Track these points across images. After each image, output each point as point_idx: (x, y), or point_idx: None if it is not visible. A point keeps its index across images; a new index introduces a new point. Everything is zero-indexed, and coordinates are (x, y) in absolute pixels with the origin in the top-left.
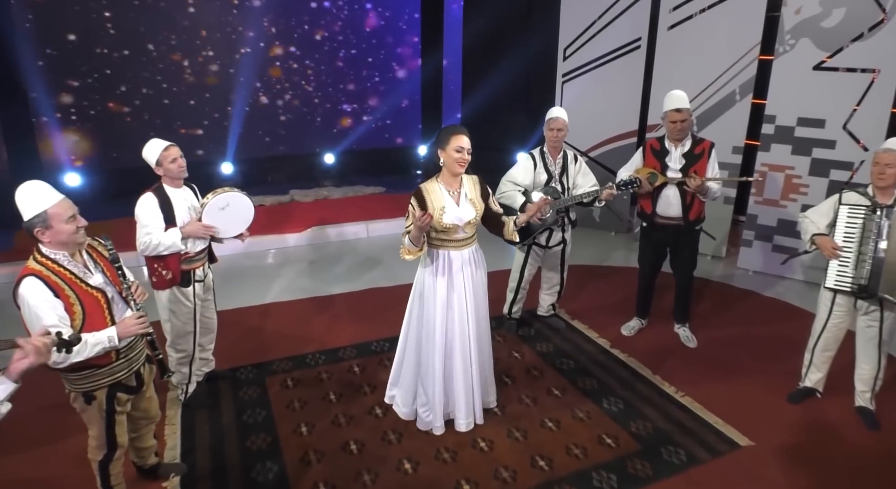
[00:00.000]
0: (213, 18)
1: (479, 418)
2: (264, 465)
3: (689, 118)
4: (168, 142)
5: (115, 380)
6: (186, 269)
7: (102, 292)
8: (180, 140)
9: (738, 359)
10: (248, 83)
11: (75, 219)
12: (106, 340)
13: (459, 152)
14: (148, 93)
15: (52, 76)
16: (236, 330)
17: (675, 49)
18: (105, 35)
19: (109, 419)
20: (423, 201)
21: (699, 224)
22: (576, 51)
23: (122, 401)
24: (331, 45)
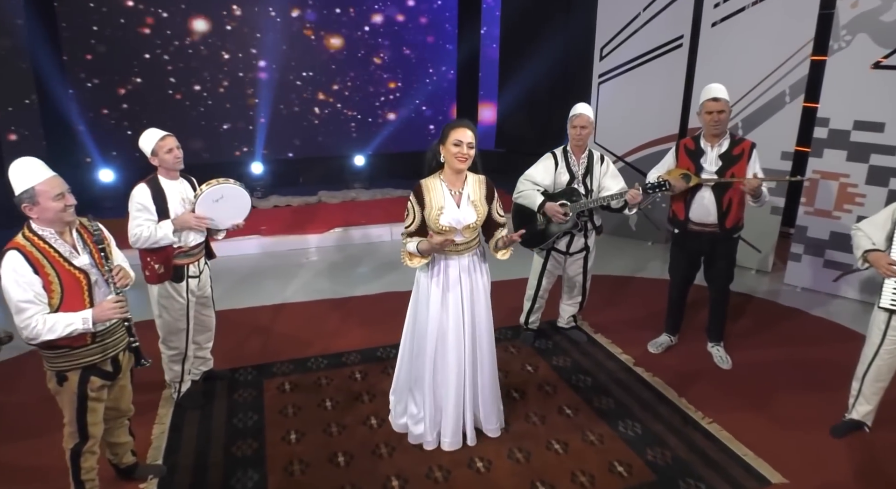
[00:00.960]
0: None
1: (471, 440)
2: (245, 473)
3: (727, 110)
4: (165, 131)
5: (89, 362)
6: (180, 264)
7: (85, 274)
8: (219, 139)
9: (776, 385)
10: (284, 84)
11: (63, 197)
12: (80, 322)
13: (458, 146)
14: (187, 91)
15: (91, 74)
16: (242, 329)
17: (719, 47)
18: (143, 33)
19: (81, 404)
20: (422, 198)
21: (737, 232)
22: (613, 50)
23: (96, 387)
24: (366, 47)
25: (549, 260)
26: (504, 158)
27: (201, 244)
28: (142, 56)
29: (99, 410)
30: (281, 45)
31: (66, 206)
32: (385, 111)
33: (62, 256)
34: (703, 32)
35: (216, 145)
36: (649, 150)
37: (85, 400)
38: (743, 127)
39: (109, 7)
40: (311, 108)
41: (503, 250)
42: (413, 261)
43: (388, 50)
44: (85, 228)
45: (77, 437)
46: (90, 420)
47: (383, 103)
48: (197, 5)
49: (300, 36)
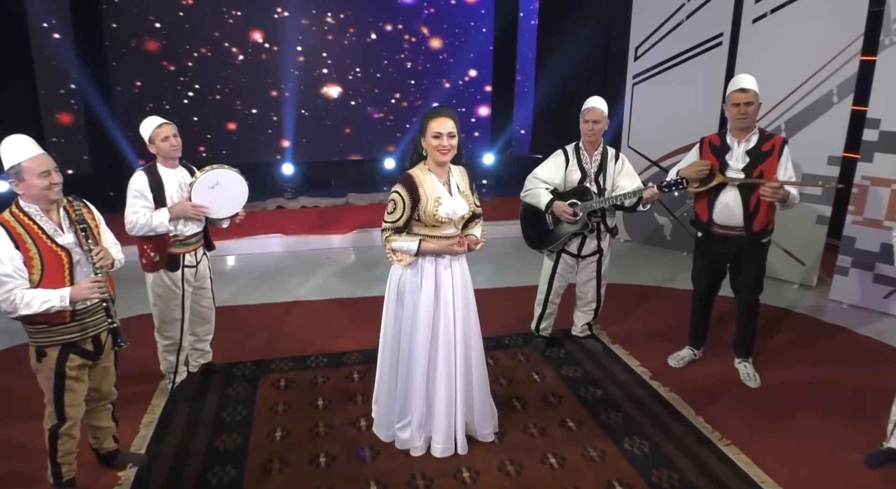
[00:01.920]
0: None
1: (462, 448)
2: (223, 468)
3: (756, 103)
4: (164, 119)
5: (68, 339)
6: (176, 253)
7: (68, 252)
8: (251, 142)
9: (809, 408)
10: (315, 88)
11: (49, 174)
12: (57, 299)
13: (437, 138)
14: (222, 90)
15: (130, 75)
16: (250, 325)
17: (761, 45)
18: (186, 34)
19: (59, 382)
20: (415, 191)
21: (766, 236)
22: (648, 50)
23: (75, 365)
24: (402, 54)
25: (560, 263)
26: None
27: (198, 234)
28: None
29: (77, 391)
30: (319, 52)
31: (51, 184)
32: (418, 118)
33: (46, 234)
34: (743, 29)
35: (249, 147)
36: (686, 155)
37: (63, 378)
38: (786, 129)
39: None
40: (342, 112)
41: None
42: (404, 260)
43: (421, 56)
44: (72, 207)
45: (55, 418)
46: (67, 400)
47: (416, 108)
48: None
49: (334, 41)
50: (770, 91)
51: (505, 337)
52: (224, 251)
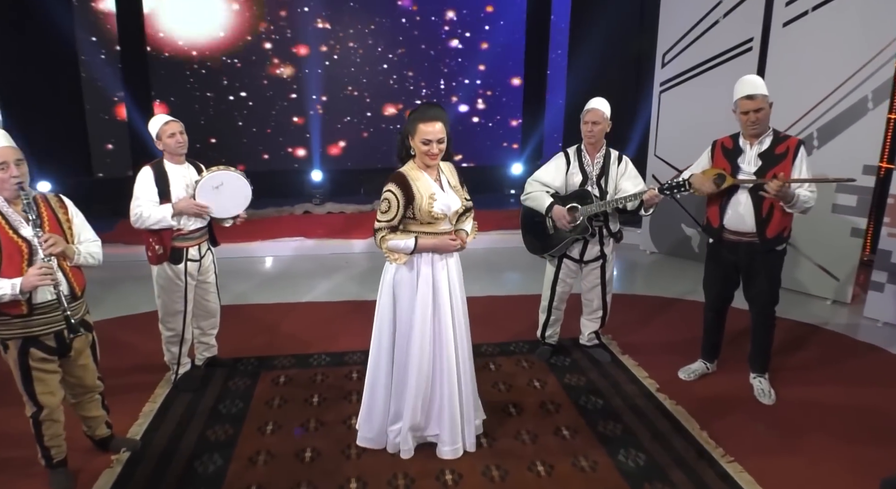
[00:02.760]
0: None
1: (471, 445)
2: (211, 457)
3: (766, 107)
4: (170, 117)
5: (27, 333)
6: (178, 247)
7: (28, 243)
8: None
9: (826, 428)
10: (349, 99)
11: (8, 167)
12: (9, 287)
13: (427, 145)
14: (261, 96)
15: (170, 84)
16: (259, 323)
17: (792, 49)
18: (221, 39)
19: (25, 374)
20: (409, 190)
21: (781, 244)
22: (676, 56)
23: (37, 358)
24: (432, 63)
25: (562, 268)
26: None
27: (202, 229)
28: (219, 84)
29: (48, 381)
30: (351, 63)
31: (8, 178)
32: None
33: (9, 224)
34: (773, 33)
35: (281, 153)
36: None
37: (28, 369)
38: (819, 137)
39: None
40: (375, 121)
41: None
42: (401, 258)
43: (456, 68)
44: (42, 199)
45: (32, 406)
46: (38, 389)
47: (457, 120)
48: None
49: (366, 53)
50: (801, 97)
51: (511, 343)
52: (247, 252)
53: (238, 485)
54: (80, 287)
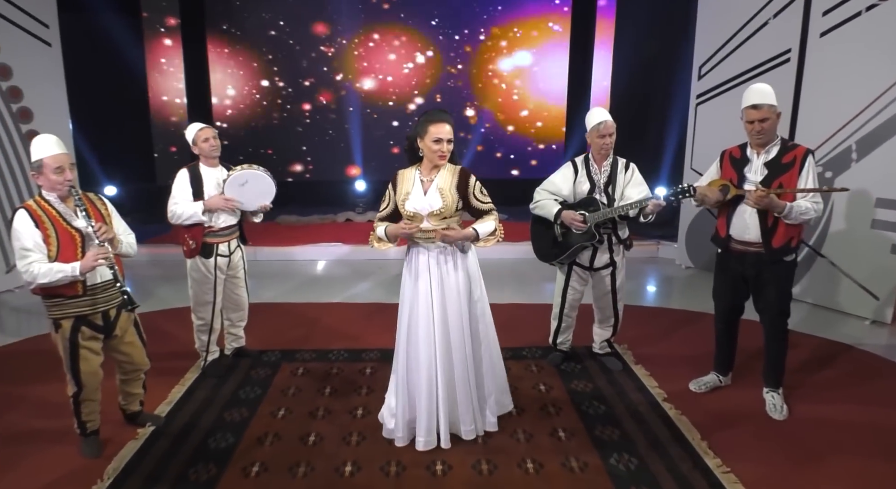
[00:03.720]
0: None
1: (444, 442)
2: (224, 435)
3: (772, 117)
4: (204, 124)
5: (79, 313)
6: (210, 242)
7: (80, 233)
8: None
9: (838, 447)
10: (394, 112)
11: (63, 171)
12: (69, 269)
13: (438, 144)
14: (311, 112)
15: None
16: (290, 320)
17: (830, 60)
18: (293, 48)
19: (73, 352)
20: (396, 186)
21: (789, 254)
22: (713, 68)
23: (87, 337)
24: (481, 82)
25: (572, 275)
26: None
27: (232, 227)
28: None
29: (91, 361)
30: (395, 79)
31: (64, 180)
32: (494, 139)
33: (63, 217)
34: (810, 43)
35: (328, 164)
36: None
37: (76, 348)
38: (857, 149)
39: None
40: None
41: (481, 240)
42: (379, 245)
43: (500, 84)
44: (89, 199)
45: (74, 386)
46: (83, 368)
47: (489, 130)
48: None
49: (408, 70)
50: (840, 109)
51: (524, 349)
52: (287, 256)
53: (244, 462)
54: (121, 272)
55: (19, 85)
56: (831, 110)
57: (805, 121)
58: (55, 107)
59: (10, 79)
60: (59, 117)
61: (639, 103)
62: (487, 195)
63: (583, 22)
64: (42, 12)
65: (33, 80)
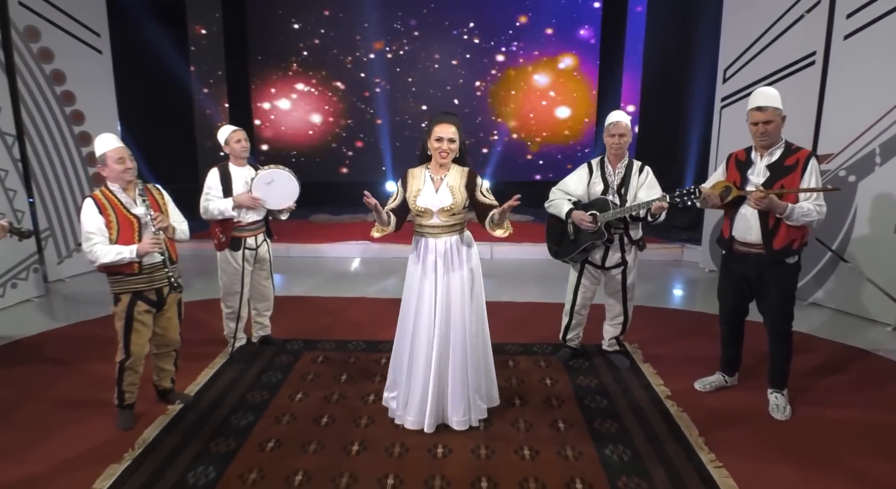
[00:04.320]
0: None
1: (430, 427)
2: (244, 414)
3: (776, 120)
4: (235, 127)
5: (136, 289)
6: (238, 236)
7: (138, 219)
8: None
9: (839, 448)
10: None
11: (124, 162)
12: (127, 252)
13: (439, 142)
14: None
15: (271, 98)
16: (316, 313)
17: (853, 62)
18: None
19: (128, 323)
20: (406, 183)
21: (791, 256)
22: (738, 71)
23: (141, 310)
24: (511, 81)
25: (584, 273)
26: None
27: (258, 222)
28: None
29: (142, 333)
30: (423, 84)
31: (125, 169)
32: (528, 144)
33: (123, 205)
34: (834, 46)
35: (363, 166)
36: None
37: (131, 320)
38: (881, 153)
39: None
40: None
41: (500, 227)
42: (373, 231)
43: (533, 92)
44: (150, 190)
45: (123, 353)
46: (133, 339)
47: (526, 137)
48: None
49: (438, 76)
50: (863, 112)
51: (535, 345)
52: (319, 253)
53: (260, 438)
54: (175, 255)
55: (72, 89)
56: (855, 113)
57: (829, 124)
58: (105, 110)
59: (64, 84)
60: (108, 119)
61: (666, 106)
62: (492, 194)
63: (613, 28)
64: (94, 22)
65: (85, 85)
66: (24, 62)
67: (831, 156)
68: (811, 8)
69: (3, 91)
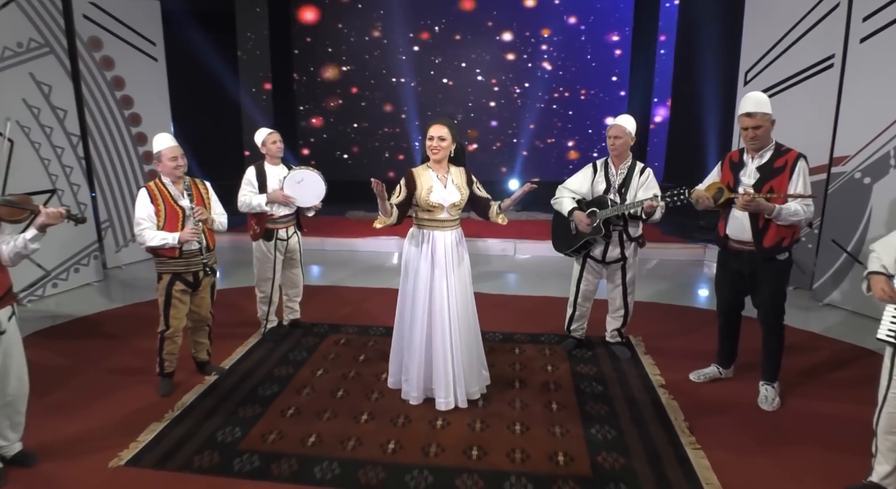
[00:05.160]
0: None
1: (462, 402)
2: (270, 386)
3: (765, 125)
4: (270, 129)
5: (175, 270)
6: (270, 228)
7: (183, 210)
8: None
9: (817, 439)
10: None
11: (176, 159)
12: (170, 238)
13: (430, 140)
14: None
15: (318, 102)
16: (343, 301)
17: (869, 65)
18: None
19: (167, 299)
20: (412, 182)
21: (781, 253)
22: (758, 73)
23: (178, 289)
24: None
25: (586, 267)
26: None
27: (289, 216)
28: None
29: (180, 308)
30: (460, 87)
31: (177, 166)
32: (566, 146)
33: (171, 197)
34: (850, 49)
35: (397, 164)
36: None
37: (170, 297)
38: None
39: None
40: (490, 138)
41: (503, 214)
42: (378, 223)
43: (569, 91)
44: (196, 185)
45: (163, 325)
46: (172, 313)
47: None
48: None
49: (482, 80)
50: (879, 114)
51: (542, 335)
52: (351, 247)
53: (282, 406)
54: (212, 243)
55: (130, 94)
56: (870, 116)
57: (845, 126)
58: (160, 112)
59: (124, 89)
60: (162, 121)
61: (692, 107)
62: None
63: (646, 25)
64: (150, 31)
65: (142, 90)
66: (87, 69)
67: (847, 158)
68: (830, 11)
69: (69, 96)
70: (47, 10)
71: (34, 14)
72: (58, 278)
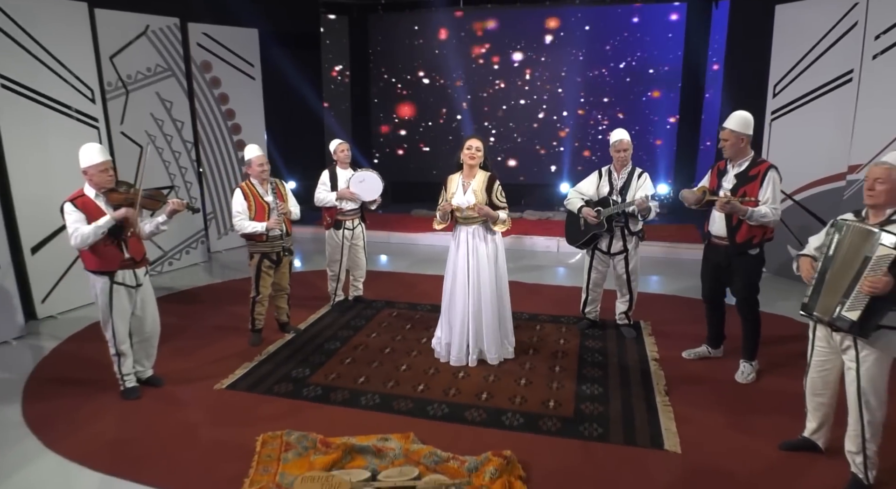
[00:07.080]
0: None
1: (472, 362)
2: (334, 343)
3: (731, 139)
4: (340, 140)
5: (263, 251)
6: (340, 220)
7: (267, 204)
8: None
9: (778, 409)
10: (521, 123)
11: (262, 166)
12: (260, 227)
13: (468, 149)
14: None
15: (390, 108)
16: (398, 283)
17: (881, 80)
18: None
19: (257, 273)
20: (446, 186)
21: (751, 248)
22: (786, 86)
23: (265, 266)
24: (595, 85)
25: (595, 258)
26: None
27: (354, 210)
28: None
29: (266, 279)
30: (517, 93)
31: (263, 170)
32: (599, 145)
33: (259, 194)
34: (864, 65)
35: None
36: (818, 189)
37: (259, 271)
38: None
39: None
40: (539, 140)
41: (500, 224)
42: (437, 225)
43: (612, 93)
44: (278, 184)
45: (254, 291)
46: (261, 282)
47: (599, 137)
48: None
49: (534, 85)
50: (890, 125)
51: (562, 317)
52: (413, 241)
53: (341, 357)
54: (290, 229)
55: (233, 107)
56: (883, 127)
57: (860, 137)
58: (256, 123)
59: (228, 103)
60: (258, 131)
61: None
62: (505, 197)
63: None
64: (250, 55)
65: (242, 104)
66: (199, 88)
67: (861, 166)
68: (849, 29)
69: (185, 109)
70: (169, 41)
71: (159, 44)
72: (172, 258)
